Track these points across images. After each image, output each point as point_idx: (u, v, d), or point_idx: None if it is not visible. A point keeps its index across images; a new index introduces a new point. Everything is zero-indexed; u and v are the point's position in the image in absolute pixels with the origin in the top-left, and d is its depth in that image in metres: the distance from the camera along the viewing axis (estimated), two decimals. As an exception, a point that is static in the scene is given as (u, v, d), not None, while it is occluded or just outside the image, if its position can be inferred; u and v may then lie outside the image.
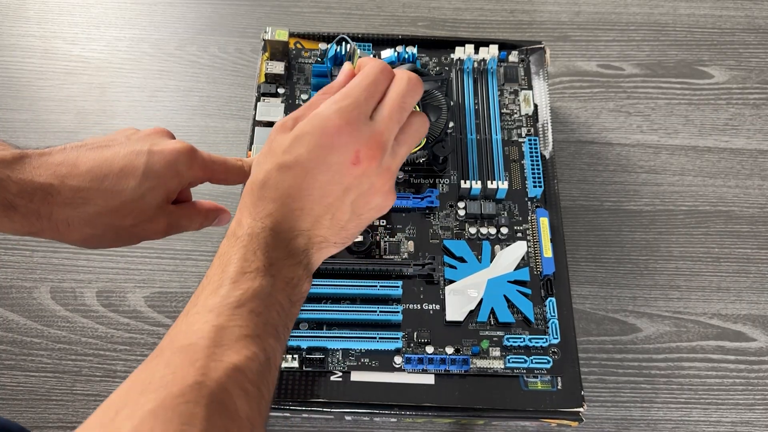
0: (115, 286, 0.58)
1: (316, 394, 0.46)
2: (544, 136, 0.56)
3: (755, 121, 0.69)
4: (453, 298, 0.49)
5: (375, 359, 0.47)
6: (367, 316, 0.48)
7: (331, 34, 0.60)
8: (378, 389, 0.46)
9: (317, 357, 0.47)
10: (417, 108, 0.48)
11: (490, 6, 0.76)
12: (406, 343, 0.48)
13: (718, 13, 0.76)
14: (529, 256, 0.52)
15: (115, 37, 0.72)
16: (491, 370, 0.47)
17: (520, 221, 0.53)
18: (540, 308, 0.50)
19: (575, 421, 0.47)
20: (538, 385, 0.47)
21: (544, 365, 0.47)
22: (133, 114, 0.67)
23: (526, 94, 0.58)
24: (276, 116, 0.54)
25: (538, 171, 0.54)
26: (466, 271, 0.50)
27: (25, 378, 0.54)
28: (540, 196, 0.54)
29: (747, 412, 0.55)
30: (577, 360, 0.48)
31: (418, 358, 0.47)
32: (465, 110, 0.57)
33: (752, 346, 0.58)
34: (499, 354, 0.48)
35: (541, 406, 0.46)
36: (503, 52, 0.60)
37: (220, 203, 0.62)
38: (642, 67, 0.72)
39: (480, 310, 0.49)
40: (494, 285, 0.50)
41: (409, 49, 0.58)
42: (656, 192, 0.65)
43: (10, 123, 0.66)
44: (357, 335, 0.47)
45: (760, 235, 0.63)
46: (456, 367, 0.47)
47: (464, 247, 0.51)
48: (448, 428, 0.54)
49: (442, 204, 0.53)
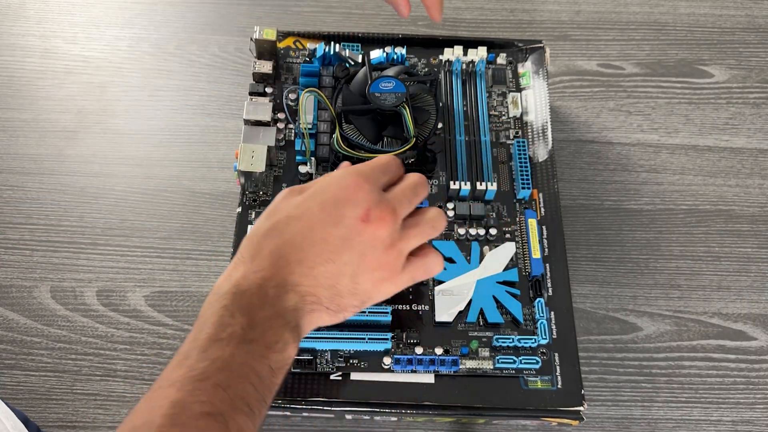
0: (115, 285, 0.58)
1: (317, 393, 0.46)
2: (544, 135, 0.56)
3: (755, 120, 0.69)
4: (442, 299, 0.49)
5: (364, 360, 0.47)
6: (356, 317, 0.47)
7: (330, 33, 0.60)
8: (378, 388, 0.46)
9: (305, 358, 0.46)
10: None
11: (491, 5, 0.76)
12: (396, 344, 0.48)
13: (719, 13, 0.76)
14: (518, 257, 0.52)
15: (115, 36, 0.72)
16: (480, 370, 0.47)
17: (509, 222, 0.53)
18: (529, 309, 0.50)
19: (576, 420, 0.47)
20: (538, 384, 0.47)
21: (533, 365, 0.47)
22: (133, 113, 0.67)
23: (514, 96, 0.58)
24: (263, 115, 0.54)
25: (526, 173, 0.54)
26: (455, 271, 0.50)
27: (25, 377, 0.54)
28: (528, 198, 0.54)
29: (747, 411, 0.55)
30: (577, 359, 0.48)
31: (408, 359, 0.47)
32: (454, 112, 0.57)
33: (753, 345, 0.58)
34: (488, 354, 0.48)
35: (541, 405, 0.46)
36: (491, 54, 0.60)
37: (220, 203, 0.63)
38: (642, 67, 0.72)
39: (469, 310, 0.49)
40: (483, 286, 0.50)
41: (397, 49, 0.58)
42: (656, 191, 0.65)
43: (10, 122, 0.66)
44: (346, 336, 0.47)
45: (760, 234, 0.63)
46: (445, 368, 0.47)
47: (453, 248, 0.51)
48: (448, 427, 0.53)
49: (431, 205, 0.53)
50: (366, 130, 0.51)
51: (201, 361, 0.33)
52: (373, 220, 0.39)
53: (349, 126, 0.52)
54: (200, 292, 0.58)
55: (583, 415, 0.47)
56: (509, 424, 0.54)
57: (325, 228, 0.39)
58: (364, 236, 0.39)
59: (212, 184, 0.64)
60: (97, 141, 0.65)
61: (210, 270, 0.59)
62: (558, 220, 0.53)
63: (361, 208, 0.39)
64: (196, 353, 0.34)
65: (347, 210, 0.39)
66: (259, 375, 0.34)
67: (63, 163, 0.64)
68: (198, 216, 0.62)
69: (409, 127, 0.51)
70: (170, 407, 0.31)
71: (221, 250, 0.60)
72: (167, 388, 0.32)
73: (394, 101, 0.51)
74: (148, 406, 0.32)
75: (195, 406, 0.31)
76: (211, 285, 0.58)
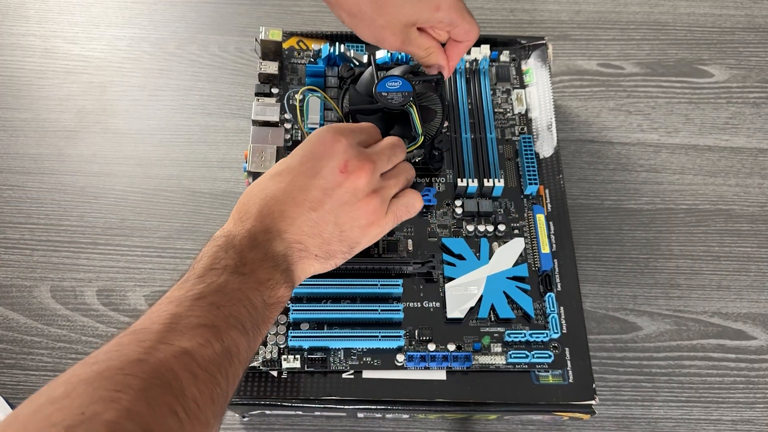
0: (115, 284, 0.58)
1: (329, 391, 0.46)
2: (549, 131, 0.57)
3: (755, 119, 0.69)
4: (453, 296, 0.49)
5: (377, 358, 0.47)
6: (368, 315, 0.48)
7: (333, 32, 0.60)
8: (391, 386, 0.47)
9: (319, 357, 0.47)
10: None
11: (491, 5, 0.76)
12: (408, 341, 0.48)
13: (718, 12, 0.76)
14: (527, 252, 0.52)
15: (115, 36, 0.72)
16: (493, 366, 0.47)
17: (517, 218, 0.53)
18: (539, 303, 0.50)
19: (587, 414, 0.47)
20: (549, 379, 0.47)
21: (546, 360, 0.47)
22: (134, 113, 0.67)
23: (518, 93, 0.59)
24: (272, 116, 0.54)
25: (533, 169, 0.54)
26: (465, 268, 0.50)
27: (26, 377, 0.54)
28: (535, 194, 0.54)
29: (747, 410, 0.55)
30: (587, 353, 0.48)
31: (421, 356, 0.47)
32: (459, 110, 0.57)
33: (752, 344, 0.58)
34: (500, 350, 0.48)
35: (553, 399, 0.47)
36: (494, 52, 0.60)
37: (220, 202, 0.63)
38: (642, 66, 0.72)
39: (480, 306, 0.49)
40: (493, 281, 0.50)
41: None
42: (656, 191, 0.65)
43: (11, 122, 0.66)
44: (359, 334, 0.47)
45: (760, 233, 0.63)
46: (458, 363, 0.47)
47: (462, 245, 0.51)
48: (448, 426, 0.54)
49: (439, 202, 0.53)
50: None
51: (198, 284, 0.36)
52: (352, 170, 0.41)
53: None
54: (200, 292, 0.58)
55: (594, 409, 0.47)
56: (520, 419, 0.54)
57: (304, 180, 0.41)
58: (344, 186, 0.41)
59: (212, 183, 0.64)
60: (97, 141, 0.65)
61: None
62: (565, 216, 0.53)
63: (339, 160, 0.41)
64: (193, 279, 0.36)
65: (325, 162, 0.41)
66: (252, 303, 0.37)
67: (63, 163, 0.64)
68: (198, 216, 0.62)
69: (417, 125, 0.51)
70: (168, 319, 0.33)
71: (221, 250, 0.60)
72: (166, 305, 0.35)
73: (402, 100, 0.51)
74: (148, 318, 0.34)
75: (192, 318, 0.34)
76: (211, 284, 0.58)
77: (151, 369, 0.31)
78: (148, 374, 0.30)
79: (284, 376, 0.47)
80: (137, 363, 0.31)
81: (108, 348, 0.32)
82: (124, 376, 0.30)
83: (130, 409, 0.28)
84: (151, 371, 0.30)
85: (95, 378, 0.29)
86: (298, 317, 0.47)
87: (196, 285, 0.36)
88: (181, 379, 0.31)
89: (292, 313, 0.47)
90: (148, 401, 0.29)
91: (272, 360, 0.47)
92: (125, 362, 0.30)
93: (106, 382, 0.29)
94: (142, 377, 0.30)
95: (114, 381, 0.29)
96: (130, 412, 0.28)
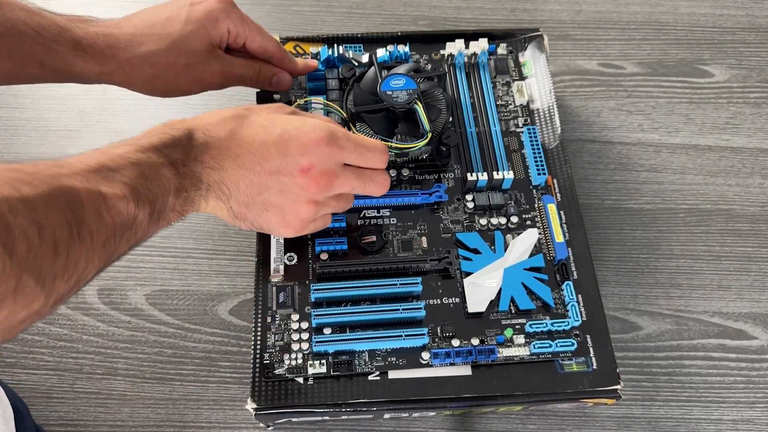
0: (116, 284, 0.58)
1: (356, 394, 0.46)
2: (551, 121, 0.57)
3: (756, 119, 0.69)
4: (473, 290, 0.49)
5: (402, 357, 0.47)
6: (390, 315, 0.48)
7: (329, 35, 0.60)
8: (416, 384, 0.46)
9: (344, 360, 0.47)
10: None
11: (491, 5, 0.76)
12: (432, 338, 0.48)
13: (719, 12, 0.76)
14: (541, 242, 0.52)
15: (116, 35, 0.72)
16: (518, 357, 0.47)
17: (528, 209, 0.53)
18: (558, 293, 0.50)
19: (612, 399, 0.48)
20: (573, 367, 0.47)
21: (569, 348, 0.48)
22: (135, 112, 0.67)
23: (519, 85, 0.59)
24: None
25: (540, 159, 0.54)
26: (481, 262, 0.51)
27: (26, 376, 0.54)
28: (544, 183, 0.54)
29: (748, 410, 0.55)
30: (608, 338, 0.48)
31: (446, 352, 0.47)
32: (461, 104, 0.57)
33: (753, 344, 0.58)
34: (523, 341, 0.48)
35: (579, 387, 0.47)
36: (492, 45, 0.60)
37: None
38: (643, 66, 0.72)
39: (500, 299, 0.49)
40: (511, 273, 0.50)
41: (401, 47, 0.58)
42: (657, 190, 0.65)
43: (11, 121, 0.66)
44: (382, 335, 0.47)
45: (760, 233, 0.63)
46: (483, 357, 0.47)
47: (477, 239, 0.51)
48: (448, 426, 0.54)
49: (450, 198, 0.54)
50: (379, 128, 0.52)
51: (138, 152, 0.38)
52: (311, 176, 0.42)
53: (362, 125, 0.52)
54: (201, 291, 0.58)
55: (620, 393, 0.47)
56: (545, 409, 0.54)
57: (271, 149, 0.42)
58: (294, 181, 0.42)
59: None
60: (98, 140, 0.65)
61: (211, 269, 0.59)
62: (575, 204, 0.54)
63: (309, 160, 0.42)
64: (136, 146, 0.39)
65: (297, 153, 0.42)
66: (168, 202, 0.39)
67: (64, 162, 0.64)
68: (198, 215, 0.62)
69: (424, 122, 0.51)
70: (96, 165, 0.36)
71: (222, 249, 0.60)
72: (98, 155, 0.37)
73: (407, 98, 0.51)
74: (75, 158, 0.36)
75: (118, 175, 0.36)
76: (211, 284, 0.58)
77: (61, 185, 0.32)
78: (55, 188, 0.32)
79: (310, 382, 0.46)
80: (50, 177, 0.32)
81: (27, 164, 0.34)
82: (32, 177, 0.31)
83: (27, 198, 0.30)
84: (60, 186, 0.32)
85: (3, 170, 0.31)
86: (321, 322, 0.47)
87: (137, 152, 0.38)
88: (86, 209, 0.33)
89: (314, 318, 0.47)
90: (48, 202, 0.31)
91: (297, 367, 0.46)
92: (38, 172, 0.32)
93: (14, 174, 0.31)
94: (49, 185, 0.32)
95: (21, 174, 0.31)
96: (27, 199, 0.30)
